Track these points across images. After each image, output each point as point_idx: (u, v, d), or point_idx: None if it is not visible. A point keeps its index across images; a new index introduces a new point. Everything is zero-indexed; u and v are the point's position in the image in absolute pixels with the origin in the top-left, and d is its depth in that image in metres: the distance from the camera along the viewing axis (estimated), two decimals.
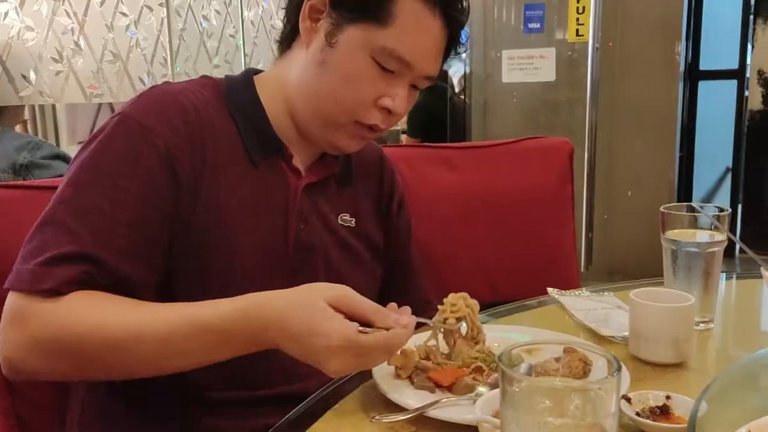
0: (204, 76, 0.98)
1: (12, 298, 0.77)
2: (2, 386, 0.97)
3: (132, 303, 0.79)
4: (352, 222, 1.03)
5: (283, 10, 0.98)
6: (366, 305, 0.76)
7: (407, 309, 0.79)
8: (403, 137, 4.31)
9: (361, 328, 0.73)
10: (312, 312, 0.73)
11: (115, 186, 0.81)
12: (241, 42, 3.53)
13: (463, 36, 0.94)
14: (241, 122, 0.93)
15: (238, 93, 0.95)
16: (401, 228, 1.13)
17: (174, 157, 0.84)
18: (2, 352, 0.78)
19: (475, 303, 0.88)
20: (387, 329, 0.74)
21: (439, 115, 4.20)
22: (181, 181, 0.84)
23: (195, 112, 0.88)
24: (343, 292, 0.76)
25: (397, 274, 1.12)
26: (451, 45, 0.94)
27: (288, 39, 0.97)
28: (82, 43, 2.50)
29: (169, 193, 0.84)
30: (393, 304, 0.79)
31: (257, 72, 1.00)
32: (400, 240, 1.13)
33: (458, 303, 0.87)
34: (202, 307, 0.76)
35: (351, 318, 0.74)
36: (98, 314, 0.76)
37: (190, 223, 0.86)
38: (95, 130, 0.87)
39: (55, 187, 1.07)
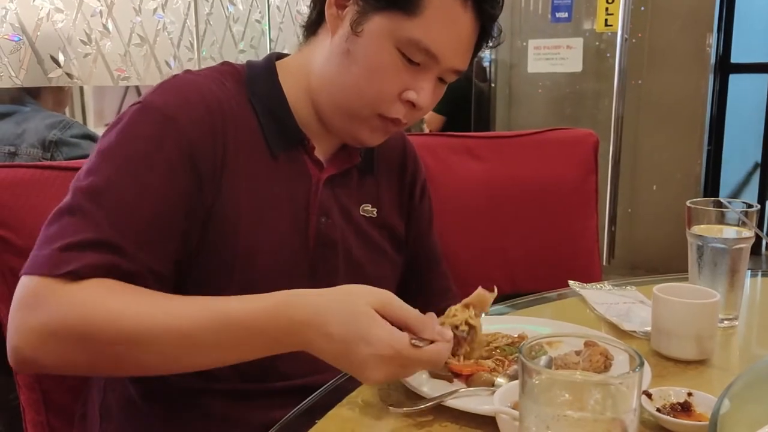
0: (225, 63, 0.96)
1: (26, 282, 0.74)
2: None
3: (155, 295, 0.76)
4: (374, 212, 1.02)
5: None
6: (410, 314, 0.72)
7: (434, 315, 0.77)
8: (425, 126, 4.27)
9: (414, 341, 0.70)
10: (357, 317, 0.70)
11: (136, 176, 0.79)
12: (267, 27, 3.53)
13: (495, 30, 0.91)
14: (262, 113, 0.91)
15: (260, 82, 0.93)
16: (423, 215, 1.12)
17: (195, 149, 0.82)
18: (11, 340, 0.73)
19: (485, 299, 0.83)
20: (431, 341, 0.72)
21: (464, 97, 4.17)
22: (202, 173, 0.83)
23: (217, 104, 0.86)
24: (388, 298, 0.73)
25: (418, 262, 1.11)
26: (483, 39, 0.91)
27: (314, 25, 0.95)
28: (110, 25, 2.52)
29: (190, 185, 0.82)
30: (431, 314, 0.76)
31: (281, 56, 0.98)
32: (422, 227, 1.12)
33: (457, 315, 0.82)
34: (230, 302, 0.73)
35: (393, 325, 0.71)
36: (118, 303, 0.73)
37: (210, 216, 0.84)
38: (116, 117, 0.85)
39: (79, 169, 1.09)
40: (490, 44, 0.93)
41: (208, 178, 0.83)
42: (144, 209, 0.78)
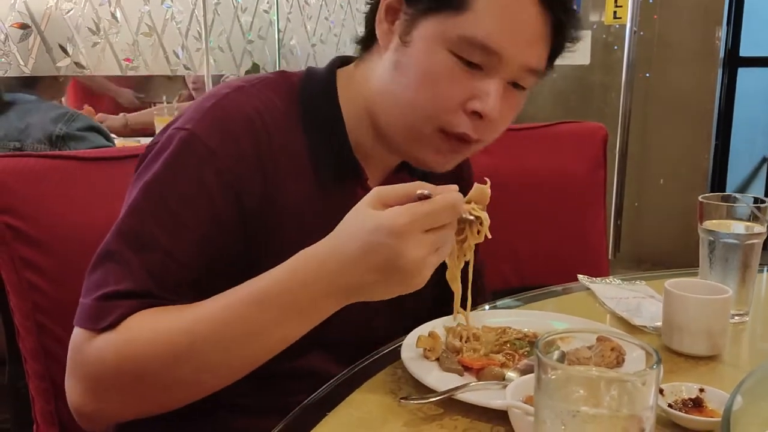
0: (281, 74, 0.90)
1: (74, 335, 0.75)
2: (37, 350, 0.99)
3: (183, 307, 0.73)
4: None
5: None
6: (405, 187, 0.68)
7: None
8: None
9: (419, 193, 0.67)
10: (359, 220, 0.67)
11: (177, 219, 0.76)
12: (275, 17, 3.52)
13: (571, 19, 0.81)
14: (314, 137, 0.85)
15: (317, 100, 0.87)
16: None
17: (240, 184, 0.79)
18: (71, 404, 0.75)
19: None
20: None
21: None
22: (247, 211, 0.79)
23: (264, 132, 0.81)
24: (378, 190, 0.69)
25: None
26: (558, 32, 0.81)
27: (367, 41, 0.89)
28: (118, 15, 2.52)
29: (234, 224, 0.79)
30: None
31: (345, 61, 0.92)
32: None
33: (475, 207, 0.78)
34: (253, 281, 0.71)
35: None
36: (150, 326, 0.72)
37: (254, 252, 0.81)
38: (157, 143, 0.82)
39: (89, 159, 1.09)
40: (572, 37, 0.84)
41: (252, 215, 0.80)
42: (184, 255, 0.76)
